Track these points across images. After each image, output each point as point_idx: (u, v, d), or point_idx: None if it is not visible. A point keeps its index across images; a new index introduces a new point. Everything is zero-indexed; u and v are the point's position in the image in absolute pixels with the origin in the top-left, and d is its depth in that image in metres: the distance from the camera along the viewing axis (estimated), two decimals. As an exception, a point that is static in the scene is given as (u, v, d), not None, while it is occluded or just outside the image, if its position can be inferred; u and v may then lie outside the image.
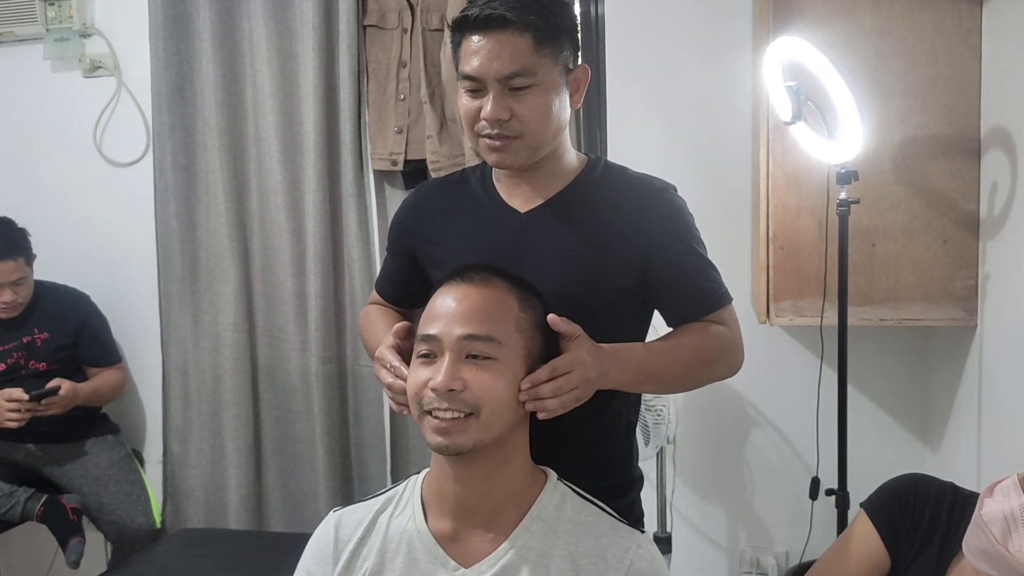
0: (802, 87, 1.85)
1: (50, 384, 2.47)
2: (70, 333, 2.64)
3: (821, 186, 2.05)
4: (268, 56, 2.61)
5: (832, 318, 2.02)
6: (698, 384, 1.38)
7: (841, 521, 1.98)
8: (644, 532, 1.20)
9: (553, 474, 1.21)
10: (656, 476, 2.36)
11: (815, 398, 2.19)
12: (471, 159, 2.41)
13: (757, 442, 2.48)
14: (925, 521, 1.31)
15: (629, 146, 2.39)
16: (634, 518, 1.39)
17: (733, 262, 2.31)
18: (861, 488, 1.54)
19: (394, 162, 2.60)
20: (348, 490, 2.73)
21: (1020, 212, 1.84)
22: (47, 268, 2.66)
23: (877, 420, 2.39)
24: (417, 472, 1.24)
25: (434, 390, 1.08)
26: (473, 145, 1.33)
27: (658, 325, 1.42)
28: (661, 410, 2.23)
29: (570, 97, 1.31)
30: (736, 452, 2.50)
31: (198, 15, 2.67)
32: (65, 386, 2.48)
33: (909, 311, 2.08)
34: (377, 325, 1.45)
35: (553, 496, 1.17)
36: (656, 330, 1.42)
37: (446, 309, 1.12)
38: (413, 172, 2.63)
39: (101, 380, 2.68)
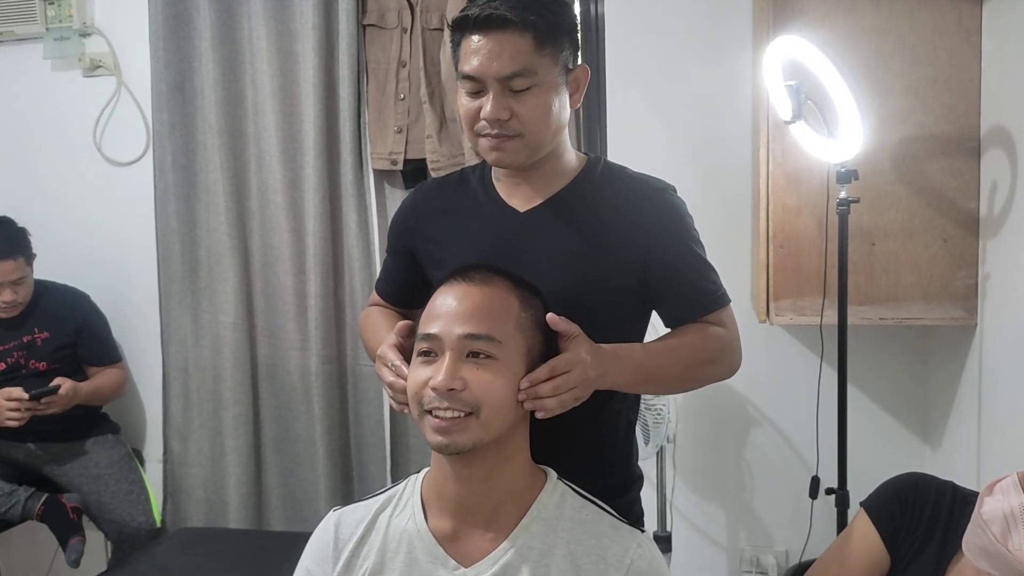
0: (802, 86, 1.85)
1: (50, 383, 2.47)
2: (70, 332, 2.64)
3: (821, 185, 2.05)
4: (268, 55, 2.61)
5: (832, 317, 2.02)
6: (696, 385, 1.39)
7: (841, 520, 1.98)
8: (644, 531, 1.20)
9: (553, 473, 1.21)
10: (656, 475, 2.36)
11: (815, 397, 2.20)
12: (471, 159, 2.41)
13: (757, 441, 2.48)
14: (925, 520, 1.31)
15: (629, 146, 2.39)
16: (634, 517, 1.39)
17: (733, 261, 2.31)
18: (861, 487, 1.54)
19: (394, 162, 2.60)
20: (348, 489, 2.73)
21: (1020, 211, 1.84)
22: (47, 267, 2.66)
23: (877, 419, 2.39)
24: (417, 471, 1.24)
25: (434, 389, 1.08)
26: (472, 145, 1.33)
27: (658, 325, 1.42)
28: (661, 409, 2.23)
29: (570, 97, 1.31)
30: (736, 451, 2.50)
31: (198, 14, 2.67)
32: (65, 385, 2.48)
33: (909, 310, 2.08)
34: (378, 326, 1.45)
35: (553, 495, 1.17)
36: (656, 329, 1.42)
37: (446, 308, 1.12)
38: (413, 172, 2.63)
39: (101, 379, 2.68)
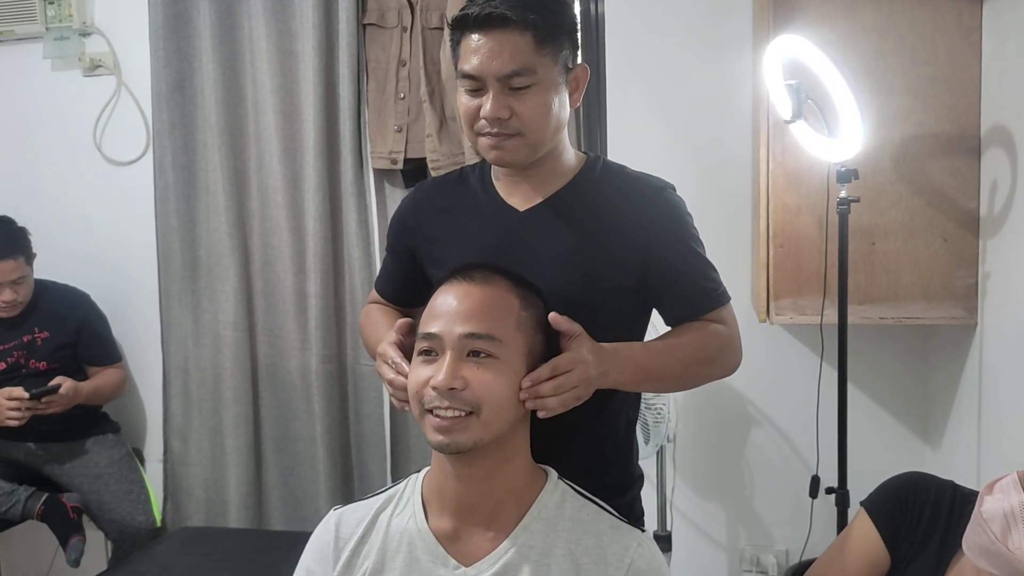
0: (802, 85, 1.85)
1: (51, 382, 2.47)
2: (70, 332, 2.64)
3: (821, 184, 2.05)
4: (268, 55, 2.61)
5: (832, 316, 2.02)
6: (697, 383, 1.39)
7: (841, 519, 1.98)
8: (644, 531, 1.20)
9: (554, 473, 1.21)
10: (656, 475, 2.36)
11: (815, 396, 2.20)
12: (471, 157, 2.41)
13: (757, 440, 2.48)
14: (925, 519, 1.31)
15: (629, 146, 2.39)
16: (634, 517, 1.39)
17: (733, 261, 2.31)
18: (861, 486, 1.54)
19: (394, 161, 2.60)
20: (348, 489, 2.73)
21: (1020, 210, 1.84)
22: (47, 267, 2.66)
23: (877, 418, 2.39)
24: (417, 471, 1.24)
25: (435, 388, 1.07)
26: (472, 144, 1.33)
27: (658, 324, 1.42)
28: (661, 408, 2.23)
29: (569, 96, 1.31)
30: (736, 450, 2.50)
31: (198, 14, 2.67)
32: (66, 384, 2.48)
33: (909, 309, 2.08)
34: (378, 324, 1.45)
35: (553, 495, 1.17)
36: (656, 328, 1.42)
37: (447, 307, 1.12)
38: (413, 171, 2.63)
39: (101, 379, 2.68)
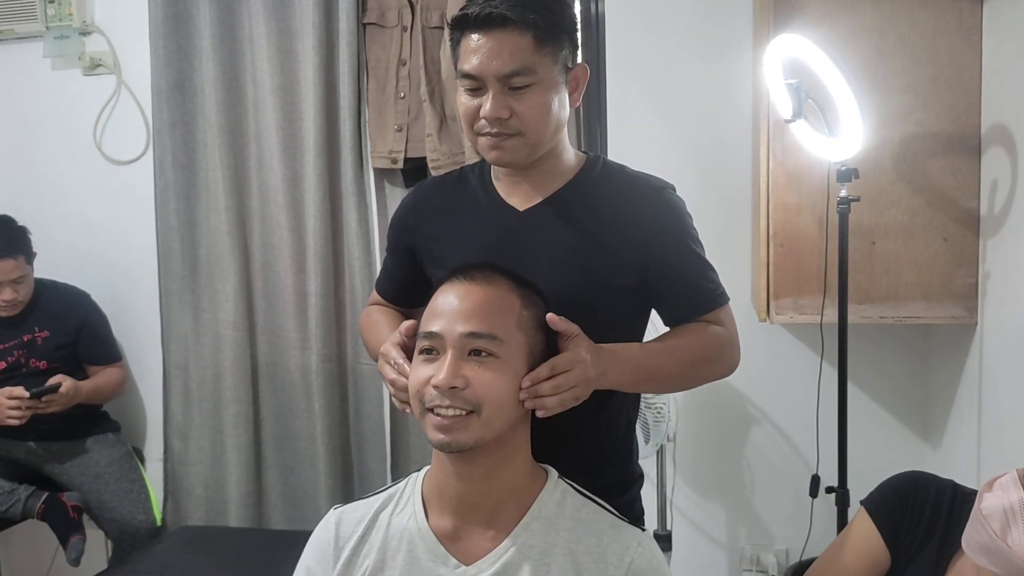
0: (802, 85, 1.85)
1: (51, 381, 2.47)
2: (70, 331, 2.64)
3: (821, 184, 2.05)
4: (268, 54, 2.61)
5: (832, 316, 2.02)
6: (695, 383, 1.39)
7: (841, 519, 1.98)
8: (644, 530, 1.20)
9: (554, 472, 1.21)
10: (656, 474, 2.36)
11: (815, 396, 2.20)
12: (471, 157, 2.41)
13: (757, 440, 2.48)
14: (925, 518, 1.31)
15: (629, 145, 2.39)
16: (634, 516, 1.39)
17: (733, 260, 2.31)
18: (861, 486, 1.54)
19: (394, 160, 2.60)
20: (348, 488, 2.73)
21: (1020, 210, 1.84)
22: (47, 266, 2.66)
23: (877, 418, 2.39)
24: (417, 470, 1.24)
25: (436, 387, 1.08)
26: (472, 143, 1.33)
27: (658, 324, 1.42)
28: (661, 408, 2.23)
29: (569, 96, 1.31)
30: (736, 450, 2.50)
31: (198, 13, 2.67)
32: (66, 383, 2.48)
33: (909, 309, 2.07)
34: (379, 325, 1.45)
35: (554, 494, 1.17)
36: (656, 328, 1.42)
37: (448, 306, 1.12)
38: (413, 170, 2.63)
39: (102, 378, 2.68)
